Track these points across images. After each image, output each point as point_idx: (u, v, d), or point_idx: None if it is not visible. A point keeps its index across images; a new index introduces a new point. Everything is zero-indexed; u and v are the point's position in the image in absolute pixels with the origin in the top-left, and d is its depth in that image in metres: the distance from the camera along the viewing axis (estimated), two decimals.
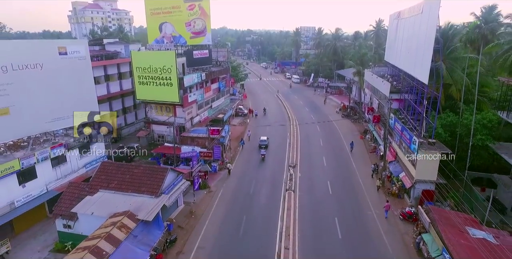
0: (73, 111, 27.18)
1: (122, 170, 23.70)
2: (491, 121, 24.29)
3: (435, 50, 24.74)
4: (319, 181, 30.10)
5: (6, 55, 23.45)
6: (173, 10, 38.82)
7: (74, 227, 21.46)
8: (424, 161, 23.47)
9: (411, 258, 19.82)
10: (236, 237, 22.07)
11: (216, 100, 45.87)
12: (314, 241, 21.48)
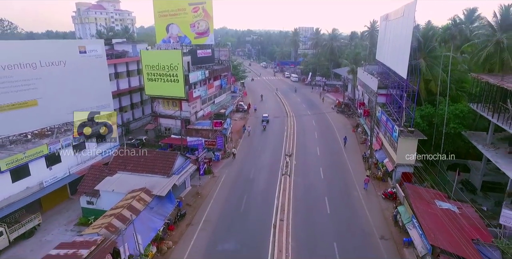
0: (91, 103, 30.53)
1: (137, 154, 26.88)
2: (462, 111, 27.45)
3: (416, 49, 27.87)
4: (312, 168, 33.26)
5: (35, 54, 26.65)
6: (179, 12, 41.98)
7: (97, 203, 24.60)
8: (404, 147, 26.62)
9: (388, 228, 22.97)
10: (238, 212, 25.23)
11: (218, 96, 48.99)
12: (305, 215, 24.65)
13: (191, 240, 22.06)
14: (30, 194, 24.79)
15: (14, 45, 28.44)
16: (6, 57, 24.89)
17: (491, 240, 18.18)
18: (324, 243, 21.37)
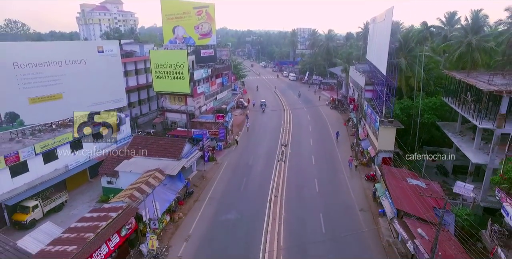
0: (107, 97, 34.36)
1: (150, 141, 30.71)
2: (435, 104, 31.22)
3: (398, 49, 31.57)
4: (305, 155, 37.01)
5: (61, 53, 30.41)
6: (184, 16, 45.72)
7: (116, 183, 28.33)
8: (384, 135, 30.38)
9: (367, 202, 26.74)
10: (238, 191, 29.01)
11: (220, 93, 52.74)
12: (297, 192, 28.41)
13: (198, 212, 25.82)
14: (57, 175, 28.56)
15: (44, 45, 32.28)
16: (38, 56, 28.64)
17: (449, 208, 21.89)
18: (311, 214, 25.12)
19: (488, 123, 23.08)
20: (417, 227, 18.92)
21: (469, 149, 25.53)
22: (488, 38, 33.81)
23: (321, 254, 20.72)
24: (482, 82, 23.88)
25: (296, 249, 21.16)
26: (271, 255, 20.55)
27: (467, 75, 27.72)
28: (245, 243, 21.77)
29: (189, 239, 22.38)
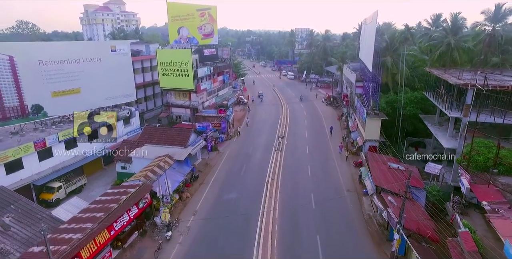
0: (119, 92, 37.68)
1: (159, 131, 34.06)
2: (416, 97, 34.53)
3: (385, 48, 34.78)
4: (300, 146, 40.33)
5: (79, 52, 33.73)
6: (188, 17, 49.01)
7: (129, 168, 31.65)
8: (370, 126, 33.69)
9: (354, 185, 30.12)
10: (239, 176, 32.34)
11: (221, 90, 56.08)
12: (291, 177, 31.75)
13: (203, 192, 29.16)
14: (77, 161, 31.87)
15: (65, 45, 35.63)
16: (60, 54, 31.95)
17: (422, 186, 25.22)
18: (304, 193, 28.45)
19: (457, 113, 26.37)
20: (390, 202, 22.22)
21: (444, 136, 28.85)
22: (466, 38, 37.14)
23: (310, 225, 24.04)
24: (453, 77, 27.17)
25: (289, 220, 24.49)
26: (267, 226, 23.87)
27: (443, 72, 31.01)
28: (245, 216, 25.08)
29: (196, 214, 25.72)
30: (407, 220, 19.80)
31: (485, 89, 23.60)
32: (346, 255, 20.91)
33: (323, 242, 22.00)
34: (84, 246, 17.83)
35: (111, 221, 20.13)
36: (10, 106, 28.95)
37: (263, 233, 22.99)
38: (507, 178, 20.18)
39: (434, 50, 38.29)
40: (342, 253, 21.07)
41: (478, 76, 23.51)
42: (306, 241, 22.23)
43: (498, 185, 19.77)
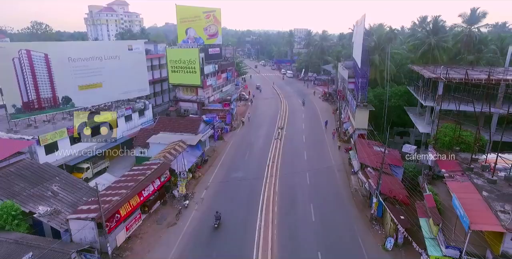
0: (134, 87, 41.93)
1: (173, 120, 38.38)
2: (400, 91, 38.91)
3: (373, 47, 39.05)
4: (297, 136, 44.69)
5: (101, 50, 37.99)
6: (195, 19, 53.31)
7: (147, 153, 35.92)
8: (359, 116, 38.02)
9: (344, 166, 34.46)
10: (243, 160, 36.68)
11: (225, 86, 60.39)
12: (289, 160, 36.10)
13: (213, 172, 33.52)
14: (100, 147, 36.14)
15: (89, 44, 39.95)
16: (85, 52, 36.23)
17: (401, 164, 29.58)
18: (300, 173, 32.77)
19: (431, 102, 30.74)
20: (371, 174, 26.58)
21: (421, 124, 33.24)
22: (446, 38, 41.54)
23: (305, 196, 28.38)
24: (429, 72, 31.55)
25: (287, 193, 28.84)
26: (268, 197, 28.21)
27: (423, 68, 35.42)
28: (250, 190, 29.41)
29: (208, 188, 30.08)
30: (383, 187, 24.16)
31: (454, 81, 28.05)
32: (334, 218, 25.27)
33: (315, 208, 26.36)
34: (122, 206, 22.15)
35: (140, 189, 24.47)
36: (45, 97, 33.23)
37: (265, 202, 27.34)
38: (466, 154, 24.43)
39: (418, 49, 42.65)
40: (331, 216, 25.43)
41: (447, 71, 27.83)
42: (301, 208, 26.59)
43: (458, 159, 24.11)
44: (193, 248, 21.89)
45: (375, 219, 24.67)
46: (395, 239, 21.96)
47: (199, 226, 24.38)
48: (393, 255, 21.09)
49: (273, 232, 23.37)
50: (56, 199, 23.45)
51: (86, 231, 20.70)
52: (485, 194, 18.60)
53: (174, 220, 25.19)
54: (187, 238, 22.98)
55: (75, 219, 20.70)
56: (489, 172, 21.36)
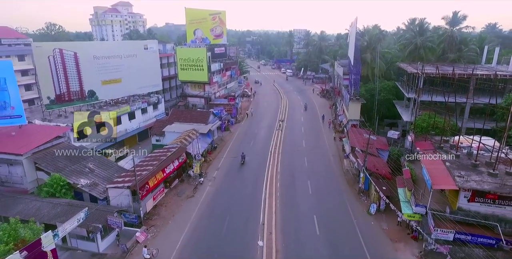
0: (149, 82, 46.28)
1: (185, 112, 42.84)
2: (388, 86, 43.35)
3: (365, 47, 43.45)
4: (297, 127, 49.13)
5: (121, 49, 42.38)
6: (202, 21, 57.71)
7: (162, 141, 40.30)
8: (352, 108, 42.45)
9: (338, 152, 38.89)
10: (248, 147, 41.07)
11: (229, 83, 64.78)
12: (289, 147, 40.52)
13: (222, 157, 37.93)
14: (121, 135, 40.55)
15: (111, 44, 44.33)
16: (107, 51, 40.62)
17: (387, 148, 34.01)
18: (299, 158, 37.18)
19: (412, 94, 35.18)
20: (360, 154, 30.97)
21: (406, 114, 37.69)
22: (431, 39, 45.99)
23: (303, 175, 32.82)
24: (412, 68, 35.97)
25: (288, 173, 33.26)
26: (272, 175, 32.63)
27: (408, 65, 39.86)
28: (255, 173, 33.80)
29: (219, 169, 34.50)
30: (369, 165, 28.60)
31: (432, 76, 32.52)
32: (328, 191, 29.72)
33: (312, 184, 30.81)
34: (150, 178, 26.54)
35: (163, 167, 28.86)
36: (73, 90, 37.64)
37: (269, 179, 31.78)
38: (439, 137, 28.83)
39: (406, 48, 47.12)
40: (325, 190, 29.88)
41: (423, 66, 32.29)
42: (300, 184, 31.02)
43: (432, 140, 28.52)
44: (209, 215, 26.27)
45: (362, 191, 29.13)
46: (378, 206, 26.39)
47: (214, 198, 28.81)
48: (375, 217, 25.52)
49: (276, 202, 27.77)
50: (93, 174, 27.86)
51: (122, 198, 25.10)
52: (448, 165, 23.03)
53: (191, 193, 29.62)
54: (204, 207, 27.39)
55: (113, 188, 25.12)
56: (455, 150, 25.79)
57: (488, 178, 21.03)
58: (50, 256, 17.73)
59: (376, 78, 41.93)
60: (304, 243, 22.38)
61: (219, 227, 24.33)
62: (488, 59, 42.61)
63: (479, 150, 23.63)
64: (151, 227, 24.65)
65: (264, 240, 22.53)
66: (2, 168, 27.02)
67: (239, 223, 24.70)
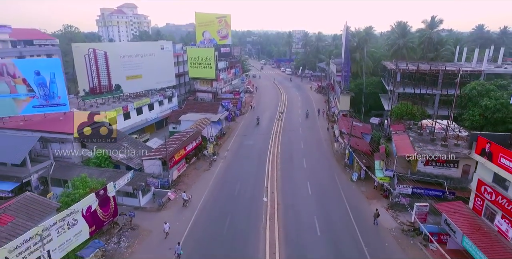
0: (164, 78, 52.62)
1: (197, 104, 49.34)
2: (375, 81, 49.77)
3: (355, 47, 49.91)
4: (295, 118, 55.55)
5: (141, 49, 48.75)
6: (210, 23, 64.09)
7: (178, 128, 46.65)
8: (343, 100, 48.86)
9: (330, 137, 45.32)
10: (253, 133, 47.49)
11: (233, 80, 71.20)
12: (288, 133, 46.94)
13: (230, 141, 44.32)
14: (142, 124, 46.94)
15: (133, 44, 50.63)
16: (131, 51, 47.00)
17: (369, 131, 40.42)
18: (296, 142, 43.59)
19: (391, 87, 41.58)
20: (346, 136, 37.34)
21: (387, 104, 44.09)
22: (412, 40, 52.40)
23: (300, 154, 39.20)
24: (393, 65, 42.35)
25: (287, 153, 39.64)
26: (273, 155, 39.02)
27: (390, 63, 46.26)
28: (259, 153, 40.14)
29: (228, 151, 40.91)
30: (353, 143, 35.01)
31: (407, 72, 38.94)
32: (319, 165, 36.14)
33: (307, 161, 37.20)
34: (175, 153, 32.90)
35: (185, 145, 35.23)
36: (103, 84, 44.01)
37: (271, 157, 38.17)
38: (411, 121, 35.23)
39: (391, 48, 53.57)
40: (317, 165, 36.30)
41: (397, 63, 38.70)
42: (297, 161, 37.40)
43: (404, 124, 34.91)
44: (223, 182, 32.64)
45: (347, 165, 35.54)
46: (359, 174, 32.79)
47: (226, 170, 35.22)
48: (356, 183, 31.94)
49: (277, 174, 34.15)
50: (128, 151, 34.21)
51: (154, 167, 31.49)
52: (411, 139, 29.44)
53: (207, 167, 36.03)
54: (219, 177, 33.79)
55: (147, 159, 31.53)
56: (420, 130, 32.20)
57: (440, 148, 27.46)
58: (112, 200, 24.16)
59: (364, 74, 48.30)
60: (298, 200, 28.80)
61: (232, 190, 30.73)
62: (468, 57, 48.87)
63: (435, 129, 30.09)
64: (178, 190, 31.02)
65: (268, 197, 28.96)
66: (55, 145, 33.28)
67: (247, 187, 31.11)
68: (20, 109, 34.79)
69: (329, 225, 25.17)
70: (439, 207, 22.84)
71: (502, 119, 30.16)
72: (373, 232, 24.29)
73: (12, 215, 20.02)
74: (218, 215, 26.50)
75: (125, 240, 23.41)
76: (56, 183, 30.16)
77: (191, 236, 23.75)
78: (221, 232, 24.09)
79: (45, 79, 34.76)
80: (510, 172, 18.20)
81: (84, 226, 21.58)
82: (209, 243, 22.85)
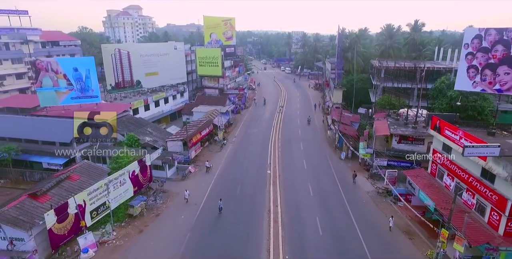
0: (177, 75, 59.02)
1: (207, 97, 55.73)
2: (364, 77, 56.21)
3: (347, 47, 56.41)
4: (294, 111, 61.99)
5: (158, 49, 55.15)
6: (217, 26, 70.52)
7: (191, 119, 53.00)
8: (336, 94, 55.28)
9: (324, 127, 51.73)
10: (257, 123, 53.91)
11: (237, 78, 77.63)
12: (287, 125, 53.35)
13: (237, 130, 50.77)
14: (159, 115, 53.34)
15: (151, 45, 57.11)
16: (149, 50, 53.41)
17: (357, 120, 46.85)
18: (295, 130, 50.02)
19: (377, 82, 48.01)
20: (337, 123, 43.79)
21: (373, 96, 50.50)
22: (398, 41, 58.82)
23: (298, 140, 45.64)
24: (378, 63, 48.77)
25: (287, 139, 46.06)
26: (275, 141, 45.45)
27: (378, 62, 52.72)
28: (262, 138, 46.54)
29: (236, 137, 47.36)
30: (342, 128, 41.45)
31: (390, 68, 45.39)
32: (314, 148, 42.59)
33: (303, 145, 43.63)
34: (193, 136, 39.29)
35: (200, 130, 41.63)
36: (126, 80, 50.41)
37: (273, 143, 44.61)
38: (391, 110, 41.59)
39: (380, 48, 60.03)
40: (312, 148, 42.73)
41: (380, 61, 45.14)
42: (295, 144, 43.83)
43: (385, 112, 41.30)
44: (233, 160, 39.05)
45: (337, 147, 41.98)
46: (346, 154, 39.20)
47: (235, 151, 41.68)
48: (344, 161, 38.41)
49: (279, 155, 40.55)
50: (152, 135, 40.63)
51: (176, 147, 37.89)
52: (388, 123, 35.85)
53: (219, 149, 42.47)
54: (230, 156, 40.20)
55: (171, 141, 37.95)
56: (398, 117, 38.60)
57: (411, 129, 33.90)
58: (148, 169, 30.59)
59: (354, 72, 54.75)
60: (296, 172, 35.26)
61: (241, 166, 37.16)
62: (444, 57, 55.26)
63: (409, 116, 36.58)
64: (197, 165, 37.43)
65: (271, 170, 35.42)
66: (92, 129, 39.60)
67: (254, 164, 37.55)
68: (61, 100, 41.18)
69: (320, 189, 31.61)
70: (406, 173, 29.30)
71: (463, 107, 36.53)
72: (354, 192, 30.77)
73: (78, 175, 26.48)
74: (231, 183, 32.93)
75: (159, 199, 29.84)
76: (96, 159, 36.53)
77: (210, 198, 30.14)
78: (235, 194, 30.53)
79: (82, 74, 41.13)
80: (451, 140, 24.61)
81: (130, 186, 28.00)
82: (225, 201, 29.25)
